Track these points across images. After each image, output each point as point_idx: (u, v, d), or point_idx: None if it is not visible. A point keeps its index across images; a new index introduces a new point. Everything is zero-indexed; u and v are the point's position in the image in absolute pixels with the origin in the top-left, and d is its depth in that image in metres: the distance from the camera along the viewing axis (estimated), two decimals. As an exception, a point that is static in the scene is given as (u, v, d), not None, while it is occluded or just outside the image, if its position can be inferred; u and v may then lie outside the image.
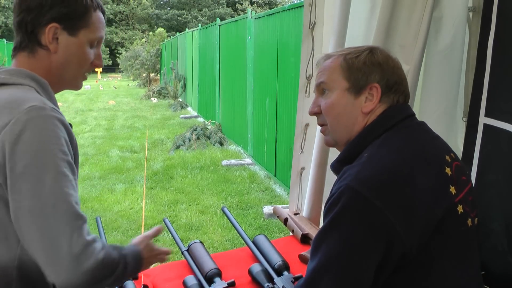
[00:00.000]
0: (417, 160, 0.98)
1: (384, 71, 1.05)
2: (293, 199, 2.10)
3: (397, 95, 1.06)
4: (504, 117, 1.38)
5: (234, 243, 3.70)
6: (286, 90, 5.21)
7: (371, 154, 0.98)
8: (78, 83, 1.12)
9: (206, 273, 1.45)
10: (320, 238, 0.94)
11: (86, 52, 1.06)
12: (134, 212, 4.49)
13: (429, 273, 0.95)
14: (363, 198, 0.90)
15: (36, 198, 0.87)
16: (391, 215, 0.89)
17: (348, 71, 1.05)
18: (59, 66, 1.04)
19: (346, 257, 0.91)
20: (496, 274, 1.38)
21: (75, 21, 1.02)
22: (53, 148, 0.89)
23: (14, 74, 0.99)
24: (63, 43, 1.02)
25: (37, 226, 0.87)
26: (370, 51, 1.07)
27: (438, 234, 0.94)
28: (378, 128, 1.03)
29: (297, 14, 4.91)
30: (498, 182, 1.42)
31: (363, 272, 0.91)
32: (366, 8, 1.73)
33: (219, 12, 34.65)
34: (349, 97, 1.06)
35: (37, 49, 1.02)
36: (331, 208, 0.94)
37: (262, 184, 5.42)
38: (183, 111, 11.86)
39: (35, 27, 1.00)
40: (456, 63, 1.61)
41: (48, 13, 0.99)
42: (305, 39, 1.92)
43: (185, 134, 7.66)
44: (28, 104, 0.91)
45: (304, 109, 1.99)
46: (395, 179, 0.93)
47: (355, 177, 0.93)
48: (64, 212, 0.88)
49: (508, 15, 1.38)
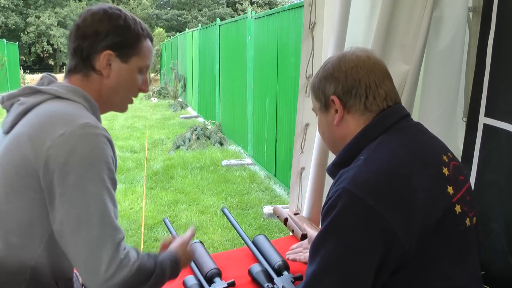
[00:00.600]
0: (414, 161, 0.98)
1: (337, 79, 1.05)
2: (293, 199, 2.10)
3: (362, 99, 1.03)
4: (504, 117, 1.38)
5: (234, 243, 3.70)
6: (286, 90, 5.21)
7: (368, 157, 0.98)
8: (124, 107, 1.19)
9: (206, 273, 1.45)
10: (319, 242, 0.94)
11: (135, 78, 1.14)
12: (134, 212, 4.49)
13: (429, 274, 0.95)
14: (361, 201, 0.90)
15: (85, 208, 0.93)
16: (389, 217, 0.89)
17: (313, 92, 1.12)
18: (109, 90, 1.11)
19: (345, 261, 0.91)
20: (496, 274, 1.38)
21: (127, 49, 1.09)
22: (102, 164, 0.96)
23: (70, 91, 1.05)
24: (116, 69, 1.09)
25: (82, 234, 0.93)
26: (325, 64, 1.09)
27: (437, 234, 0.94)
28: (373, 131, 1.03)
29: (297, 14, 4.91)
30: (498, 182, 1.42)
31: (362, 275, 0.91)
32: (366, 8, 1.73)
33: (219, 12, 34.65)
34: (323, 116, 1.11)
35: (90, 73, 1.09)
36: (328, 211, 0.94)
37: (262, 184, 5.43)
38: (183, 111, 11.86)
39: (90, 53, 1.07)
40: (456, 63, 1.61)
41: (103, 41, 1.06)
42: (305, 39, 1.92)
43: (185, 134, 7.66)
44: (83, 120, 0.97)
45: (304, 109, 1.99)
46: (392, 181, 0.93)
47: (352, 180, 0.93)
48: (108, 225, 0.95)
49: (508, 15, 1.38)
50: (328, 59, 1.11)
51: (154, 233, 3.94)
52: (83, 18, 1.08)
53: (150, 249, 3.60)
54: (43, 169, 0.93)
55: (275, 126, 5.55)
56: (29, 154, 0.94)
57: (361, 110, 1.04)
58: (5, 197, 0.97)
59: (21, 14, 32.86)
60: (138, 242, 3.66)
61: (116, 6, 1.14)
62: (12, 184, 0.96)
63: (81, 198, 0.93)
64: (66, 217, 0.93)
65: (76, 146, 0.93)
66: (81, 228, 0.93)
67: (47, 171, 0.93)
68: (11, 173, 0.96)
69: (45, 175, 0.93)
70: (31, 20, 32.17)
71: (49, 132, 0.95)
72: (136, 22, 1.11)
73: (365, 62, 1.05)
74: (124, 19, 1.09)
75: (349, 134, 1.06)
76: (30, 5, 33.41)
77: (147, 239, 3.81)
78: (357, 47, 1.11)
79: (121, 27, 1.08)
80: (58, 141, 0.93)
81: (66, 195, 0.93)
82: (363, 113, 1.04)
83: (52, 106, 1.02)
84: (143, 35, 1.12)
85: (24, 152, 0.95)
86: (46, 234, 0.97)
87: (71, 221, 0.93)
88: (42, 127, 0.96)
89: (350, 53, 1.08)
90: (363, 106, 1.04)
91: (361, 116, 1.05)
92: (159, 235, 3.88)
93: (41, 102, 1.03)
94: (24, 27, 32.40)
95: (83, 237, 0.93)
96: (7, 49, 18.42)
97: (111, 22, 1.07)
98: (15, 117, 1.02)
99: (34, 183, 0.95)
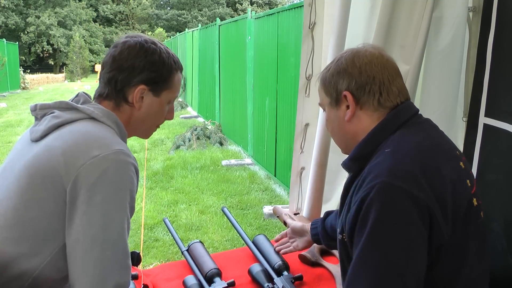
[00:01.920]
0: (439, 153, 0.98)
1: (350, 75, 1.04)
2: (293, 199, 2.10)
3: (376, 95, 1.03)
4: (504, 117, 1.38)
5: (234, 243, 3.70)
6: (286, 90, 5.21)
7: (395, 149, 0.97)
8: (149, 134, 1.23)
9: (206, 273, 1.45)
10: (368, 248, 0.89)
11: (164, 110, 1.18)
12: (134, 212, 4.49)
13: (461, 265, 0.95)
14: (405, 192, 0.88)
15: (103, 230, 0.95)
16: (432, 206, 0.89)
17: (324, 87, 1.10)
18: (138, 121, 1.15)
19: (407, 255, 0.88)
20: (496, 274, 1.38)
21: (160, 84, 1.14)
22: (127, 192, 0.99)
23: (105, 115, 1.08)
24: (147, 102, 1.14)
25: (94, 254, 0.95)
26: (337, 59, 1.08)
27: (465, 225, 0.95)
28: (391, 125, 1.02)
29: (297, 14, 4.91)
30: (498, 182, 1.42)
31: (421, 265, 0.89)
32: (366, 8, 1.73)
33: (219, 12, 34.65)
34: (333, 111, 1.09)
35: (122, 104, 1.12)
36: (368, 210, 0.89)
37: (262, 184, 5.42)
38: (183, 111, 11.86)
39: (125, 86, 1.10)
40: (456, 63, 1.61)
41: (138, 76, 1.10)
42: (305, 39, 1.92)
43: (185, 134, 7.66)
44: (118, 146, 1.01)
45: (304, 109, 1.99)
46: (426, 172, 0.92)
47: (389, 173, 0.91)
48: (121, 251, 0.98)
49: (508, 15, 1.38)
50: (341, 54, 1.10)
51: (154, 233, 3.94)
52: (120, 51, 1.11)
53: (150, 249, 3.60)
54: (71, 185, 0.95)
55: (275, 126, 5.55)
56: (60, 168, 0.96)
57: (375, 107, 1.04)
58: (26, 204, 0.98)
59: (21, 14, 32.87)
60: (138, 242, 3.66)
61: (152, 39, 1.15)
62: (36, 192, 0.98)
63: (102, 220, 0.96)
64: (83, 235, 0.95)
65: (108, 170, 0.96)
66: (95, 248, 0.95)
67: (74, 188, 0.95)
68: (37, 182, 0.98)
69: (71, 191, 0.95)
70: (31, 20, 32.18)
71: (84, 151, 0.98)
72: (170, 56, 1.14)
73: (379, 59, 1.05)
74: (159, 53, 1.12)
75: (361, 130, 1.05)
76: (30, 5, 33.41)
77: (147, 239, 3.81)
78: (368, 44, 1.12)
79: (156, 62, 1.11)
80: (91, 162, 0.96)
81: (88, 214, 0.95)
82: (376, 109, 1.04)
83: (87, 126, 1.05)
84: (175, 69, 1.15)
85: (55, 166, 0.97)
86: (56, 248, 0.98)
87: (88, 239, 0.95)
88: (77, 146, 0.99)
89: (364, 49, 1.07)
90: (376, 103, 1.03)
91: (373, 112, 1.04)
92: (159, 235, 3.88)
93: (76, 120, 1.06)
94: (24, 27, 32.41)
95: (95, 257, 0.95)
96: (7, 49, 18.42)
97: (147, 58, 1.10)
98: (48, 128, 1.04)
99: (58, 196, 0.96)
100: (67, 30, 33.04)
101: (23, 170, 1.00)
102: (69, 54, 29.72)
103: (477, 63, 1.49)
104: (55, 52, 33.84)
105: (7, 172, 1.05)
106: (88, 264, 0.95)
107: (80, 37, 30.99)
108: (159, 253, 3.54)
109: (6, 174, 1.05)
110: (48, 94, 17.43)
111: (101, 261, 0.95)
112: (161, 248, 3.62)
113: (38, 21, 32.07)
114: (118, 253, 0.97)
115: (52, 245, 0.98)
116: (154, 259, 3.43)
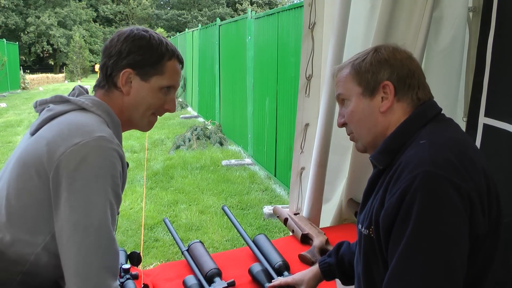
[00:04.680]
0: (469, 147, 0.99)
1: (392, 66, 1.04)
2: (293, 199, 2.10)
3: (415, 90, 1.04)
4: (504, 117, 1.38)
5: (234, 243, 3.70)
6: (286, 90, 5.21)
7: (431, 141, 0.96)
8: (145, 125, 1.22)
9: (206, 273, 1.45)
10: (418, 233, 0.87)
11: (156, 96, 1.17)
12: (134, 212, 4.49)
13: (492, 260, 0.95)
14: (449, 182, 0.88)
15: (84, 216, 0.97)
16: (473, 195, 0.89)
17: (358, 76, 1.07)
18: (129, 107, 1.16)
19: (454, 243, 0.87)
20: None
21: (148, 68, 1.14)
22: (108, 177, 1.00)
23: (96, 104, 1.11)
24: (135, 87, 1.14)
25: (77, 239, 0.97)
26: (375, 50, 1.08)
27: (497, 218, 0.95)
28: (422, 119, 1.02)
29: (297, 14, 4.91)
30: (498, 182, 1.41)
31: (465, 253, 0.89)
32: (366, 8, 1.74)
33: (219, 12, 34.66)
34: (365, 101, 1.06)
35: (112, 90, 1.15)
36: (413, 199, 0.88)
37: (262, 184, 5.42)
38: (183, 111, 11.86)
39: (113, 71, 1.13)
40: (456, 63, 1.62)
41: (125, 60, 1.12)
42: (305, 39, 1.92)
43: (185, 134, 7.66)
44: (99, 133, 1.02)
45: (304, 109, 1.99)
46: (463, 162, 0.92)
47: (431, 162, 0.90)
48: (105, 235, 0.99)
49: (508, 15, 1.38)
50: (375, 46, 1.10)
51: (154, 233, 3.94)
52: (111, 39, 1.16)
53: (150, 249, 3.61)
54: (53, 173, 0.98)
55: (275, 126, 5.55)
56: (44, 157, 1.00)
57: (412, 100, 1.04)
58: (17, 193, 1.02)
59: (21, 14, 32.87)
60: (138, 242, 3.66)
61: (144, 27, 1.18)
62: (24, 182, 1.02)
63: (83, 206, 0.97)
64: (66, 221, 0.97)
65: (88, 156, 0.98)
66: (78, 233, 0.97)
67: (56, 175, 0.98)
68: (25, 172, 1.02)
69: (54, 178, 0.98)
70: (31, 20, 32.17)
71: (66, 139, 1.00)
72: (162, 43, 1.15)
73: (413, 57, 1.08)
74: (148, 39, 1.14)
75: (393, 122, 1.04)
76: (30, 5, 33.41)
77: (147, 239, 3.81)
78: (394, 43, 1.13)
79: (143, 47, 1.13)
80: (71, 149, 0.98)
81: (70, 200, 0.97)
82: (411, 103, 1.04)
83: (75, 116, 1.08)
84: (167, 55, 1.16)
85: (40, 155, 1.00)
86: (48, 234, 1.02)
87: (70, 225, 0.97)
88: (60, 134, 1.02)
89: (398, 45, 1.09)
90: (415, 96, 1.04)
91: (408, 105, 1.04)
92: (159, 235, 3.88)
93: (67, 111, 1.09)
94: (24, 27, 32.41)
95: (78, 242, 0.97)
96: (7, 49, 18.42)
97: (134, 42, 1.13)
98: (42, 121, 1.08)
99: (43, 185, 1.00)
100: (67, 30, 33.04)
101: (15, 162, 1.06)
102: (69, 54, 29.73)
103: (477, 63, 1.49)
104: (55, 52, 33.84)
105: (8, 165, 1.11)
106: (72, 249, 0.97)
107: (80, 37, 30.99)
108: (159, 253, 3.54)
109: (6, 167, 1.11)
110: (48, 94, 17.35)
111: (85, 246, 0.97)
112: (161, 248, 3.62)
113: (38, 21, 32.07)
114: (101, 238, 0.99)
115: (44, 232, 1.01)
116: (154, 259, 3.43)
